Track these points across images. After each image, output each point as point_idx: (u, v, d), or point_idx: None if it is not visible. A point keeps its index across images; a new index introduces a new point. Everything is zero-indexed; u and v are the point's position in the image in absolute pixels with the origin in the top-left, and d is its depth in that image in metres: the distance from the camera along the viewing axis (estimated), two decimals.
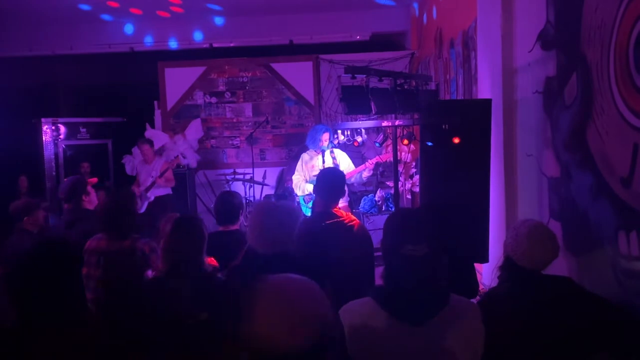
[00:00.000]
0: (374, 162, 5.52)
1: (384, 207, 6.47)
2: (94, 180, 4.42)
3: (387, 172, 6.48)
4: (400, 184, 5.84)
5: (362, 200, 6.62)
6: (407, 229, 1.73)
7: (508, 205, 3.76)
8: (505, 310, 2.22)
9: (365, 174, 5.70)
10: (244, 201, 5.78)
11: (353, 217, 2.96)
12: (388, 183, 6.71)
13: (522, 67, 3.60)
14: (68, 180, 4.21)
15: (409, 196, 6.60)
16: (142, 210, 6.18)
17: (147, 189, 6.41)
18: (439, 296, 1.70)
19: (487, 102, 3.29)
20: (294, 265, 2.24)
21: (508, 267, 2.36)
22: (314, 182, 3.16)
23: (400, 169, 5.00)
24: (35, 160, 8.19)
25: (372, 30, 8.14)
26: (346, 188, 5.57)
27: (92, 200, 3.96)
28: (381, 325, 1.67)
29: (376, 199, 6.51)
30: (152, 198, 6.43)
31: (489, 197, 3.33)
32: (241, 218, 3.42)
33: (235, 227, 3.40)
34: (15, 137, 7.90)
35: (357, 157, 7.39)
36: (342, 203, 5.26)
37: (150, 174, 6.49)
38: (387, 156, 5.43)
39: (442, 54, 5.90)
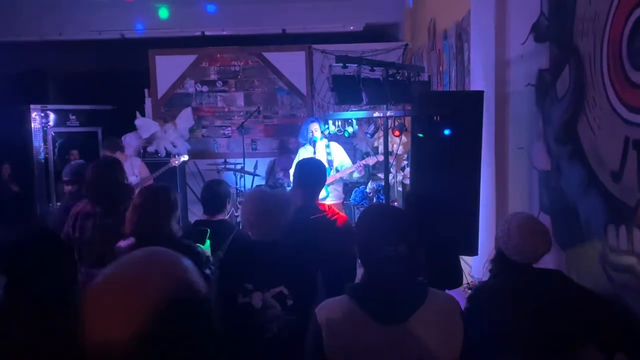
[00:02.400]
0: (362, 165, 5.50)
1: (375, 199, 6.45)
2: None
3: (378, 163, 6.46)
4: (391, 176, 5.82)
5: (352, 192, 6.60)
6: (382, 229, 1.69)
7: (498, 198, 3.75)
8: (496, 303, 2.21)
9: (356, 175, 5.69)
10: (233, 190, 5.72)
11: (336, 210, 2.92)
12: (379, 175, 6.69)
13: (514, 60, 3.58)
14: (74, 163, 4.16)
15: (400, 188, 6.59)
16: None
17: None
18: (416, 294, 1.67)
19: (480, 94, 3.28)
20: (283, 254, 2.22)
21: (499, 260, 2.35)
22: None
23: (391, 160, 4.98)
24: (24, 147, 8.09)
25: (366, 21, 8.08)
26: (341, 187, 5.59)
27: None
28: (357, 323, 1.64)
29: (367, 191, 6.49)
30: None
31: (480, 189, 3.32)
32: (230, 208, 3.38)
33: (222, 216, 3.35)
34: (3, 124, 7.79)
35: (350, 149, 7.37)
36: (335, 200, 5.24)
37: (133, 172, 6.23)
38: (374, 159, 5.44)
39: (435, 46, 5.87)
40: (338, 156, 5.43)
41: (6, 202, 6.84)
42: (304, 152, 5.42)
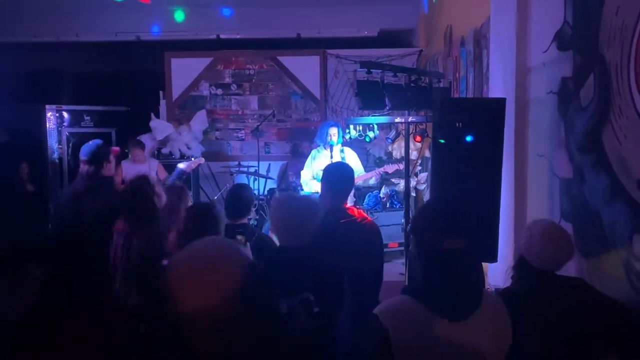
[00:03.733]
0: (381, 172, 5.54)
1: (388, 204, 6.47)
2: (117, 149, 4.34)
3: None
4: (403, 181, 5.83)
5: (366, 197, 6.62)
6: (446, 222, 1.72)
7: (517, 205, 3.75)
8: (517, 309, 2.22)
9: (372, 181, 5.73)
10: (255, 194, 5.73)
11: (364, 214, 2.94)
12: (393, 180, 6.71)
13: (536, 67, 3.59)
14: (92, 143, 4.14)
15: (413, 193, 6.60)
16: None
17: None
18: (476, 291, 1.73)
19: (502, 101, 3.28)
20: (311, 260, 2.23)
21: (521, 267, 2.35)
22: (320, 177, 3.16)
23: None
24: (39, 147, 8.16)
25: (380, 27, 8.12)
26: (352, 192, 5.60)
27: (111, 168, 3.93)
28: (424, 321, 1.66)
29: (381, 195, 6.51)
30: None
31: (500, 196, 3.32)
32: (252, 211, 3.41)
33: (243, 220, 3.38)
34: (19, 123, 7.86)
35: (363, 154, 7.38)
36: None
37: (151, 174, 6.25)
38: (394, 167, 5.50)
39: (452, 52, 5.88)
40: (351, 162, 5.45)
41: (22, 201, 6.90)
42: (319, 155, 5.44)
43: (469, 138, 3.17)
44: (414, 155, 5.98)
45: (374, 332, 1.69)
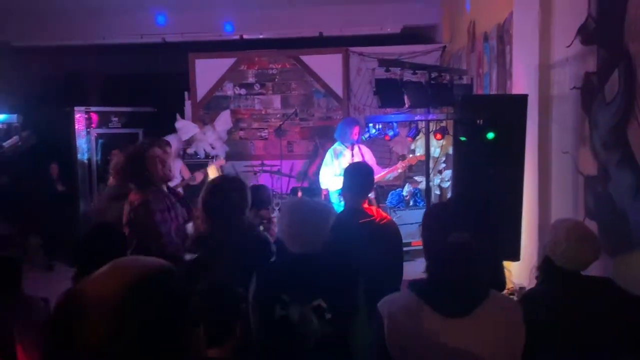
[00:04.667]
0: (405, 166, 5.50)
1: (411, 202, 6.43)
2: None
3: (415, 167, 6.43)
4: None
5: (389, 195, 6.58)
6: (450, 219, 1.74)
7: (541, 203, 3.69)
8: (544, 310, 2.19)
9: (400, 170, 5.71)
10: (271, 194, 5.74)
11: (383, 213, 2.93)
12: (416, 178, 6.66)
13: (559, 63, 3.52)
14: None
15: (437, 191, 6.54)
16: None
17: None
18: (479, 289, 1.71)
19: (524, 98, 3.23)
20: (323, 266, 2.21)
21: (546, 267, 2.31)
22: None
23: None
24: (68, 148, 8.33)
25: (403, 23, 8.06)
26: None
27: None
28: (419, 315, 1.68)
29: (404, 194, 6.47)
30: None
31: (523, 194, 3.28)
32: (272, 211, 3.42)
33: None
34: (49, 125, 8.05)
35: (385, 152, 7.35)
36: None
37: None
38: (415, 159, 5.46)
39: (475, 48, 5.81)
40: (367, 160, 5.42)
41: (52, 201, 7.07)
42: (342, 154, 5.43)
43: (490, 135, 3.13)
44: (437, 152, 5.92)
45: (375, 320, 1.77)
